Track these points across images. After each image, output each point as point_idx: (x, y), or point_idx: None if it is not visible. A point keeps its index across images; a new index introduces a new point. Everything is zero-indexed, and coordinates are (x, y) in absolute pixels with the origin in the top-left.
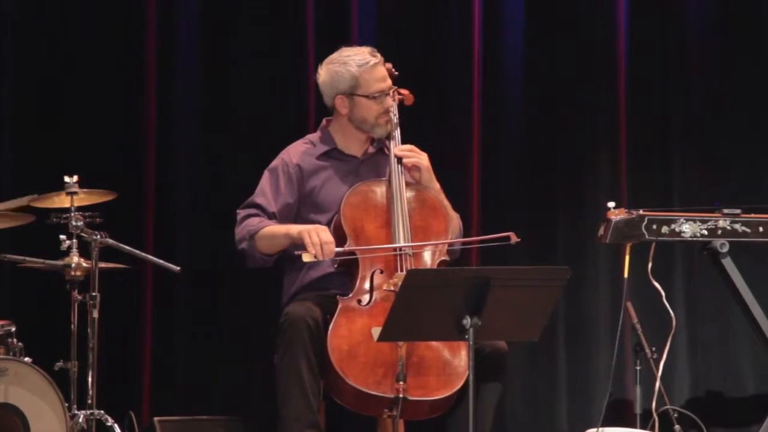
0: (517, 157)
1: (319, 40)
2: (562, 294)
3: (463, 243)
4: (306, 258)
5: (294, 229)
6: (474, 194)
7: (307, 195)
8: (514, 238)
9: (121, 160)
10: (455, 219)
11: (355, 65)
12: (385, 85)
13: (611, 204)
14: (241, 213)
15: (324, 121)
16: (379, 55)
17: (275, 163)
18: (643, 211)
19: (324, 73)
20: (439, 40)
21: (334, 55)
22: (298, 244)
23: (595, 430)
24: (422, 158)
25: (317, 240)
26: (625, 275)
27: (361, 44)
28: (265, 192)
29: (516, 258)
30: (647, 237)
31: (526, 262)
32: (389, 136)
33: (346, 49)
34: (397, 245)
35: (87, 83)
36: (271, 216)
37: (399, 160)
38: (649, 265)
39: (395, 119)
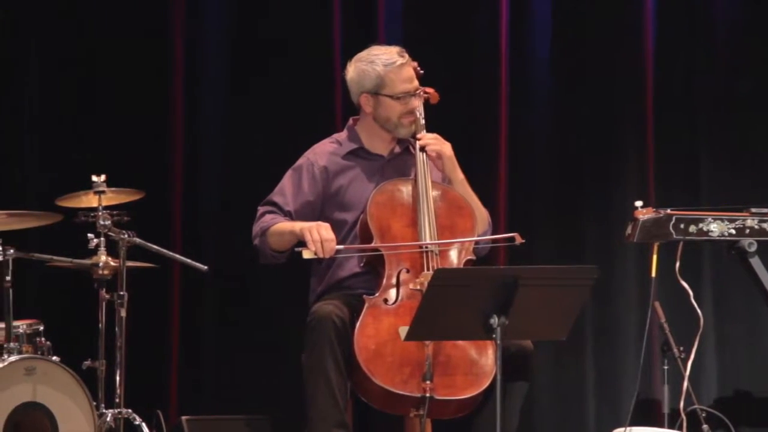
0: (545, 156)
1: (345, 36)
2: (589, 293)
3: (468, 243)
4: (306, 255)
5: (298, 225)
6: (501, 193)
7: (333, 194)
8: (519, 240)
9: (149, 159)
10: (484, 215)
11: (381, 64)
12: (410, 86)
13: (639, 203)
14: (260, 210)
15: (351, 120)
16: (407, 55)
17: (300, 161)
18: (671, 210)
19: (352, 70)
20: (467, 38)
21: (363, 53)
22: (302, 241)
23: (622, 429)
24: (445, 147)
25: (318, 237)
26: (653, 274)
27: (387, 41)
28: (284, 191)
29: (544, 257)
30: (675, 236)
31: (553, 262)
32: (415, 136)
33: (375, 47)
34: (394, 244)
35: (114, 83)
36: (287, 214)
37: (423, 149)
38: (677, 264)
39: (422, 119)
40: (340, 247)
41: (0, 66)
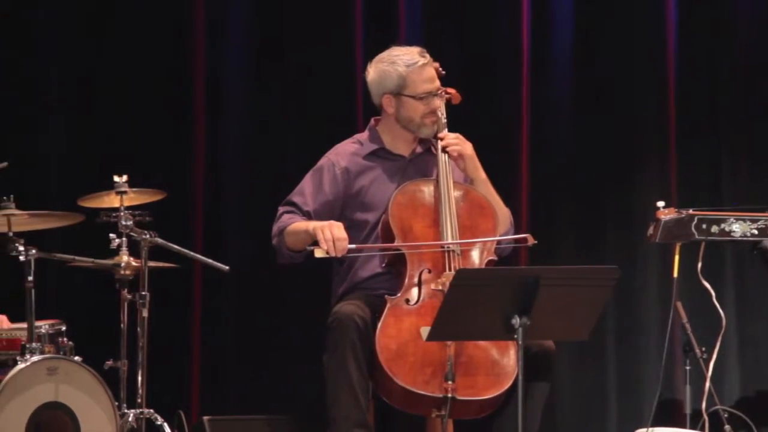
0: (567, 156)
1: (366, 36)
2: (611, 293)
3: (490, 243)
4: (318, 254)
5: (311, 225)
6: (523, 193)
7: (354, 195)
8: (530, 240)
9: (171, 160)
10: (506, 214)
11: (403, 65)
12: (432, 87)
13: (661, 203)
14: (279, 210)
15: (372, 121)
16: (428, 55)
17: (321, 162)
18: (693, 210)
19: (373, 71)
20: (488, 38)
21: (384, 54)
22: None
23: (644, 430)
24: (466, 147)
25: (330, 236)
26: (675, 275)
27: (408, 41)
28: (303, 191)
29: (565, 257)
30: (697, 236)
31: (575, 262)
32: (437, 136)
33: (396, 48)
34: (406, 244)
35: (137, 83)
36: (305, 214)
37: (444, 150)
38: (699, 264)
39: (443, 119)
40: (352, 246)
41: (22, 68)
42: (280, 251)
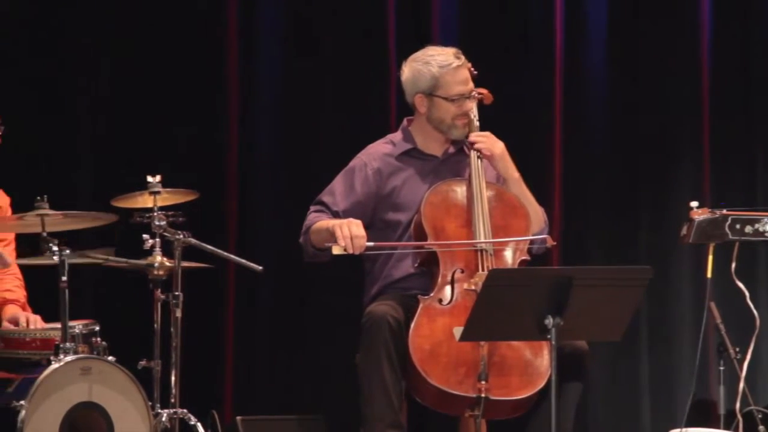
0: (600, 156)
1: (399, 37)
2: (644, 294)
3: (501, 243)
4: (335, 251)
5: (331, 222)
6: (556, 193)
7: (386, 195)
8: (550, 242)
9: (204, 159)
10: (539, 214)
11: (436, 65)
12: (465, 89)
13: (694, 203)
14: (310, 209)
15: (405, 121)
16: (463, 57)
17: (354, 162)
18: (727, 210)
19: (407, 70)
20: (521, 40)
21: (419, 54)
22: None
23: (678, 430)
24: (496, 146)
25: (347, 233)
26: (709, 275)
27: (442, 42)
28: (333, 191)
29: (599, 257)
30: (731, 237)
31: (608, 262)
32: (468, 137)
33: (431, 48)
34: (425, 242)
35: (169, 82)
36: (334, 214)
37: (478, 151)
38: (733, 265)
39: (476, 121)
40: (370, 243)
41: (53, 69)
42: (305, 249)
